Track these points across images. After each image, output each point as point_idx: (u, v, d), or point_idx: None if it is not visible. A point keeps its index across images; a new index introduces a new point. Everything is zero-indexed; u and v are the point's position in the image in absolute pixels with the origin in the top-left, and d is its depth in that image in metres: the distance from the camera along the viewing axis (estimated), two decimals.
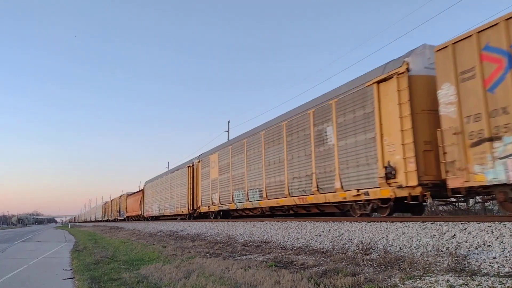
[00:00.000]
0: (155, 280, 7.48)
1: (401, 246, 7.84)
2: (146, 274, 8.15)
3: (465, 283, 4.86)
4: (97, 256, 12.60)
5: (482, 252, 6.32)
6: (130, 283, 7.35)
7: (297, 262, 7.90)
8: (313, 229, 11.40)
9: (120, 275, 8.40)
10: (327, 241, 9.91)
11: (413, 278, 5.46)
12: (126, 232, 28.21)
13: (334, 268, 6.76)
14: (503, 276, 5.06)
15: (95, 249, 15.71)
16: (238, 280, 6.56)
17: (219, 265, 8.08)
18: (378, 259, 7.23)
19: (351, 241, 9.21)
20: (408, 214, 12.06)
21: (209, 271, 7.58)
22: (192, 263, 8.92)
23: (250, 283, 6.26)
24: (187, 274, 7.55)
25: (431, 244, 7.37)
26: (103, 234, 30.20)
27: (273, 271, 6.83)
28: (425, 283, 5.12)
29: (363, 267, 6.72)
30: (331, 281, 5.78)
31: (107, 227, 43.69)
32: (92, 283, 7.61)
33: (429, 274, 5.57)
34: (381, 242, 8.43)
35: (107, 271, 9.18)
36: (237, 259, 9.15)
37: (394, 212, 11.33)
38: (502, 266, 5.61)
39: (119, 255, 12.67)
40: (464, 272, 5.48)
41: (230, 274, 7.09)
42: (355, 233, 9.63)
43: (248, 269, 7.34)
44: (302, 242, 10.68)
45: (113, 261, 11.21)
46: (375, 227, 9.47)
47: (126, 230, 30.20)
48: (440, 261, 6.21)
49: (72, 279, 8.50)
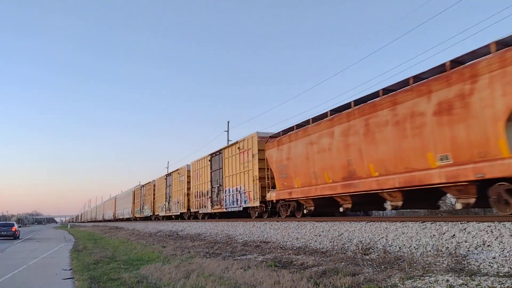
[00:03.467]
0: (154, 280, 7.48)
1: (401, 246, 7.85)
2: (146, 274, 8.15)
3: (464, 283, 4.86)
4: (97, 256, 12.61)
5: (482, 252, 6.32)
6: (129, 283, 7.35)
7: (296, 262, 7.90)
8: (313, 229, 11.40)
9: (119, 275, 8.40)
10: (326, 241, 9.91)
11: (413, 278, 5.46)
12: (125, 232, 28.22)
13: (333, 268, 6.76)
14: (502, 276, 5.06)
15: (95, 249, 15.72)
16: (238, 280, 6.56)
17: (218, 265, 8.08)
18: (377, 259, 7.23)
19: (350, 241, 9.22)
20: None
21: (209, 271, 7.58)
22: (191, 263, 8.92)
23: (250, 283, 6.26)
24: (186, 274, 7.55)
25: (431, 244, 7.38)
26: (102, 234, 30.21)
27: (272, 271, 6.83)
28: (425, 283, 5.13)
29: (362, 267, 6.72)
30: (331, 281, 5.78)
31: (107, 227, 43.69)
32: (91, 283, 7.61)
33: (429, 274, 5.57)
34: (380, 242, 8.43)
35: (106, 271, 9.18)
36: (237, 259, 9.15)
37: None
38: (502, 266, 5.62)
39: (118, 255, 12.67)
40: (463, 272, 5.48)
41: (230, 274, 7.09)
42: (355, 233, 9.63)
43: (247, 269, 7.34)
44: (302, 242, 10.68)
45: (113, 261, 11.21)
46: (375, 227, 9.47)
47: (126, 230, 30.20)
48: (439, 261, 6.21)
49: (72, 279, 8.50)
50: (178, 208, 29.37)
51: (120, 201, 57.15)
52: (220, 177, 21.36)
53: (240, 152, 18.95)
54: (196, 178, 25.46)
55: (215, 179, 22.19)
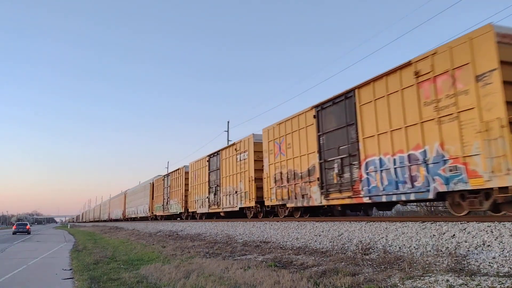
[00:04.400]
0: (154, 280, 7.48)
1: (401, 246, 7.85)
2: (146, 274, 8.15)
3: (464, 283, 4.86)
4: (97, 256, 12.60)
5: (482, 252, 6.32)
6: (129, 283, 7.34)
7: (296, 262, 7.90)
8: (313, 229, 11.40)
9: (119, 275, 8.39)
10: (326, 241, 9.91)
11: (413, 278, 5.46)
12: (125, 232, 28.22)
13: (333, 268, 6.76)
14: (502, 276, 5.06)
15: (95, 249, 15.71)
16: (238, 280, 6.56)
17: (218, 265, 8.08)
18: (377, 259, 7.23)
19: (350, 241, 9.21)
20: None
21: (209, 271, 7.58)
22: (191, 263, 8.92)
23: (250, 283, 6.26)
24: (186, 274, 7.55)
25: (431, 244, 7.37)
26: (102, 234, 30.20)
27: (272, 271, 6.83)
28: (425, 283, 5.12)
29: (362, 267, 6.72)
30: (331, 281, 5.78)
31: (107, 227, 43.69)
32: (91, 283, 7.61)
33: (429, 274, 5.57)
34: (380, 242, 8.43)
35: (106, 271, 9.17)
36: (237, 259, 9.15)
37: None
38: (502, 266, 5.62)
39: (118, 255, 12.66)
40: (463, 272, 5.48)
41: (230, 274, 7.09)
42: (355, 233, 9.63)
43: (247, 269, 7.34)
44: (302, 242, 10.68)
45: (113, 261, 11.20)
46: (375, 227, 9.47)
47: (126, 230, 30.20)
48: (439, 261, 6.21)
49: (72, 279, 8.50)
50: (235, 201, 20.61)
51: (132, 196, 47.41)
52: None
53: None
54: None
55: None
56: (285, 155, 14.92)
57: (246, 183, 17.91)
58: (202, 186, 23.70)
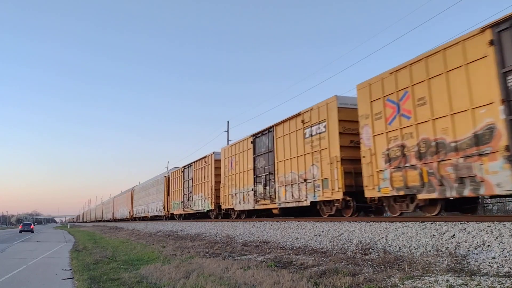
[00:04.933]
0: (154, 280, 7.48)
1: (401, 246, 7.85)
2: (146, 274, 8.15)
3: (464, 283, 4.86)
4: (97, 256, 12.61)
5: (482, 252, 6.32)
6: (129, 283, 7.35)
7: (296, 262, 7.90)
8: (313, 229, 11.40)
9: (119, 275, 8.39)
10: (326, 241, 9.91)
11: (413, 278, 5.46)
12: (125, 232, 28.23)
13: (333, 268, 6.76)
14: (502, 276, 5.06)
15: (95, 249, 15.72)
16: (238, 280, 6.56)
17: (218, 265, 8.08)
18: (377, 259, 7.23)
19: (350, 241, 9.22)
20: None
21: (209, 271, 7.58)
22: (191, 263, 8.92)
23: (250, 283, 6.26)
24: (186, 274, 7.55)
25: (431, 244, 7.38)
26: (102, 234, 30.21)
27: (272, 271, 6.83)
28: (425, 283, 5.12)
29: (362, 267, 6.72)
30: (331, 281, 5.78)
31: (107, 227, 43.68)
32: (91, 283, 7.61)
33: (429, 274, 5.57)
34: (380, 242, 8.43)
35: (106, 271, 9.18)
36: (237, 259, 9.15)
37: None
38: (502, 266, 5.62)
39: (118, 255, 12.67)
40: (463, 272, 5.48)
41: (230, 274, 7.09)
42: (355, 233, 9.63)
43: (247, 269, 7.34)
44: (302, 242, 10.68)
45: (113, 261, 11.21)
46: (375, 227, 9.47)
47: (126, 230, 30.21)
48: (439, 261, 6.21)
49: (72, 279, 8.50)
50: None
51: (142, 193, 41.35)
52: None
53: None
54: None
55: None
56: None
57: (323, 166, 12.84)
58: (244, 175, 18.46)
